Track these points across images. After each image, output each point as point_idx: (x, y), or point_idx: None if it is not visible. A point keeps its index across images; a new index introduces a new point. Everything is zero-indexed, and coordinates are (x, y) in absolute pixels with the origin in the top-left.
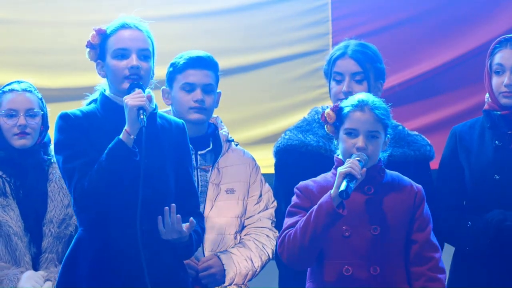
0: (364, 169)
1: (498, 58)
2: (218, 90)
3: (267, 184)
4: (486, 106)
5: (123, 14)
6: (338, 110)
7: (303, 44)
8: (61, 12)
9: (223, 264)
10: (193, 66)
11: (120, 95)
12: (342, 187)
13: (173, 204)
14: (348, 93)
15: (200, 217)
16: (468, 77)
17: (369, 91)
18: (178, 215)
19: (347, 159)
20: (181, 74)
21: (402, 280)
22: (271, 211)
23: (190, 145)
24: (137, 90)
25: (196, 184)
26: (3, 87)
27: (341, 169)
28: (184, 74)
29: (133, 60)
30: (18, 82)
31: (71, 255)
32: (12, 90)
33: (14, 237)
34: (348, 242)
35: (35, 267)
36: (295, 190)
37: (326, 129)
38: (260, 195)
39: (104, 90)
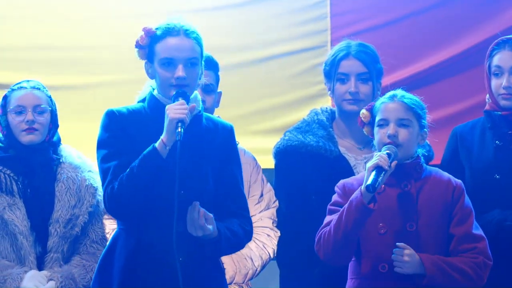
0: (395, 161)
1: (496, 60)
2: (219, 90)
3: (268, 183)
4: (487, 107)
5: (125, 12)
6: (371, 109)
7: (302, 40)
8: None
9: (222, 263)
10: None
11: (167, 97)
12: (369, 181)
13: (197, 202)
14: (355, 94)
15: (245, 220)
16: (468, 75)
17: (373, 91)
18: (202, 209)
19: (375, 153)
20: None
21: None
22: (273, 210)
23: None
24: (180, 101)
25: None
26: (13, 86)
27: (369, 164)
28: None
29: (180, 71)
30: (27, 81)
31: (108, 253)
32: (20, 88)
33: (19, 236)
34: (384, 239)
35: (40, 267)
36: (335, 189)
37: (364, 131)
38: (261, 195)
39: (153, 89)
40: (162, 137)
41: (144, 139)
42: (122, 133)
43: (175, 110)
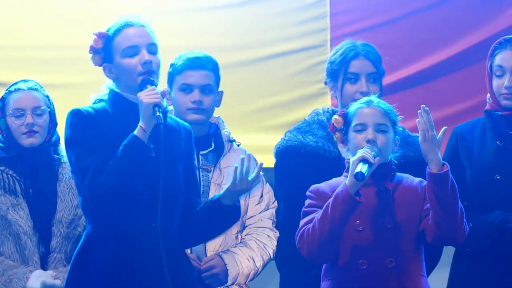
0: (377, 158)
1: (498, 59)
2: (220, 90)
3: (268, 184)
4: (487, 107)
5: (124, 10)
6: (344, 114)
7: (301, 39)
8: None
9: (225, 264)
10: (191, 67)
11: (133, 92)
12: (357, 169)
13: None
14: (366, 93)
15: None
16: (468, 75)
17: (380, 91)
18: (262, 161)
19: (358, 151)
20: (179, 75)
21: (419, 271)
22: (272, 211)
23: None
24: (151, 87)
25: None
26: (10, 87)
27: (353, 158)
28: (182, 75)
29: (145, 55)
30: (24, 81)
31: (81, 253)
32: (18, 90)
33: (23, 236)
34: (362, 236)
35: (44, 267)
36: (308, 193)
37: (335, 138)
38: (261, 195)
39: (113, 88)
40: (140, 124)
41: (113, 136)
42: (93, 131)
43: (147, 95)
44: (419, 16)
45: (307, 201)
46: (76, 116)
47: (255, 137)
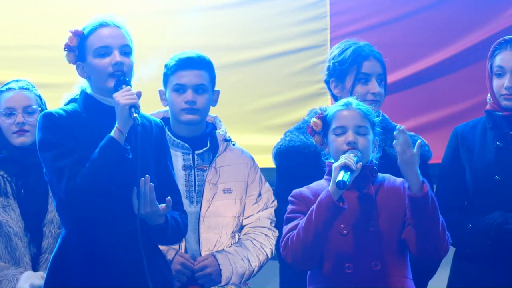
0: (360, 163)
1: (498, 60)
2: (216, 88)
3: (267, 183)
4: (488, 107)
5: (123, 10)
6: (323, 117)
7: (301, 39)
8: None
9: (219, 264)
10: (184, 67)
11: (104, 94)
12: (339, 177)
13: (147, 175)
14: (378, 94)
15: (184, 214)
16: (468, 75)
17: (385, 92)
18: (152, 183)
19: (341, 156)
20: (173, 75)
21: (404, 273)
22: (271, 210)
23: (187, 145)
24: (126, 87)
25: (192, 183)
26: (1, 87)
27: (335, 164)
28: (175, 76)
29: (116, 56)
30: (16, 80)
31: (58, 257)
32: (9, 89)
33: (14, 237)
34: (347, 240)
35: (35, 268)
36: (290, 198)
37: (313, 140)
38: (259, 195)
39: (85, 89)
40: (116, 125)
41: (85, 138)
42: (66, 133)
43: (123, 96)
44: (419, 16)
45: (290, 207)
46: (48, 119)
47: (254, 137)
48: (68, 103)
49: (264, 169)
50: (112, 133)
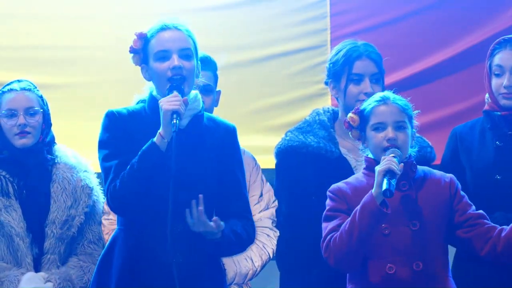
0: (402, 164)
1: (497, 59)
2: (218, 89)
3: (268, 183)
4: (486, 107)
5: (123, 11)
6: (360, 112)
7: (301, 39)
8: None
9: (223, 264)
10: None
11: (163, 96)
12: (385, 185)
13: (200, 195)
14: (370, 94)
15: (249, 222)
16: (468, 75)
17: (383, 91)
18: (201, 207)
19: (383, 157)
20: None
21: (445, 274)
22: (272, 210)
23: None
24: (174, 93)
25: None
26: (3, 87)
27: (379, 168)
28: None
29: (174, 60)
30: (18, 81)
31: (107, 253)
32: (11, 90)
33: (16, 238)
34: (389, 240)
35: (37, 268)
36: (328, 193)
37: (351, 135)
38: (261, 195)
39: (152, 90)
40: (159, 130)
41: (144, 139)
42: (122, 134)
43: (168, 102)
44: (419, 16)
45: (329, 203)
46: (108, 118)
47: (255, 137)
48: (138, 103)
49: (264, 170)
50: (154, 139)
